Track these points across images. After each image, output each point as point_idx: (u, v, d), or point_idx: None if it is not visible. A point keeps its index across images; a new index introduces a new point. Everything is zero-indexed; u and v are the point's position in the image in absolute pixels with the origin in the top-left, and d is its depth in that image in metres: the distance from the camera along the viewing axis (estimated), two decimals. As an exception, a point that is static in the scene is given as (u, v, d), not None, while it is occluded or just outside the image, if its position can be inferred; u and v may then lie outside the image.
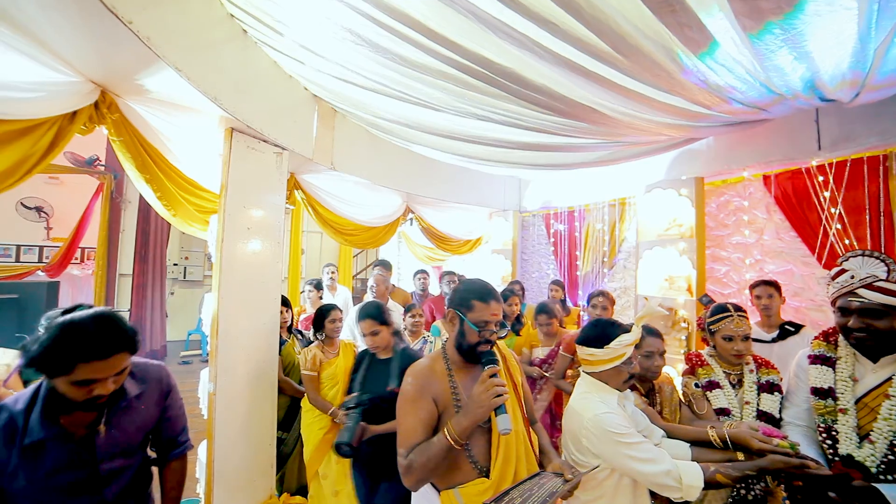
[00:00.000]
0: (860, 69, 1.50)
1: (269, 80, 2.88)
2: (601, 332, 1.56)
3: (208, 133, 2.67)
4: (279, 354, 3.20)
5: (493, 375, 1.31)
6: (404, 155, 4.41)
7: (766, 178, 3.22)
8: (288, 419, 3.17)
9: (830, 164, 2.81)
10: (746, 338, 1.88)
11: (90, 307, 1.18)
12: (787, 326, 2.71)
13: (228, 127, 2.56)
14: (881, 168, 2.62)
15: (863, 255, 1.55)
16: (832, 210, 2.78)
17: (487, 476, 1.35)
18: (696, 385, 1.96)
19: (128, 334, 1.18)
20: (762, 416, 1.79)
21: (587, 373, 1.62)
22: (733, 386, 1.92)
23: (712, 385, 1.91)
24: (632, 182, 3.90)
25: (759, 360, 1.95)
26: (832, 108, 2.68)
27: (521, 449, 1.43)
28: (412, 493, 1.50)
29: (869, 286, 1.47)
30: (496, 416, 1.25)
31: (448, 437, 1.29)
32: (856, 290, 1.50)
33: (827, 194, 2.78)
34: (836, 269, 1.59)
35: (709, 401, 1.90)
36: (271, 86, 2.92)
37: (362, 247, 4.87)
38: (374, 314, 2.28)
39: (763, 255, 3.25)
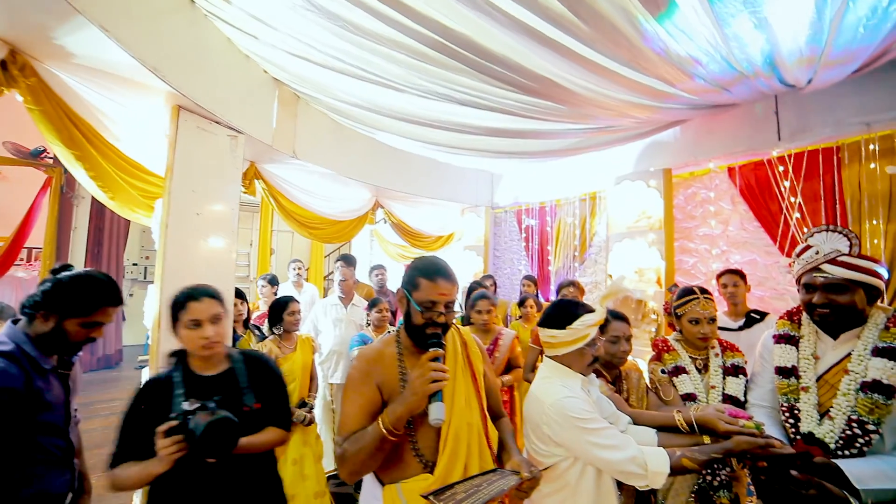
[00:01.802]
0: (816, 43, 1.48)
1: (222, 58, 2.71)
2: (563, 313, 1.47)
3: (153, 110, 2.47)
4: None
5: (437, 360, 1.20)
6: (373, 146, 4.28)
7: (730, 169, 3.26)
8: (242, 421, 2.95)
9: (790, 156, 2.88)
10: (712, 320, 1.84)
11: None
12: (752, 314, 2.73)
13: (175, 104, 2.37)
14: (835, 159, 2.70)
15: (827, 230, 1.52)
16: (792, 200, 2.82)
17: (433, 472, 1.23)
18: (663, 371, 1.90)
19: None
20: (728, 399, 1.75)
21: (549, 356, 1.53)
22: (699, 371, 1.87)
23: (678, 370, 1.85)
24: (602, 176, 3.89)
25: (725, 344, 1.91)
26: (790, 100, 2.73)
27: (474, 444, 1.32)
28: (361, 486, 1.38)
29: (832, 261, 1.44)
30: (429, 403, 1.13)
31: (381, 425, 1.17)
32: (820, 266, 1.47)
33: (787, 184, 2.83)
34: (801, 246, 1.56)
35: (675, 386, 1.85)
36: (225, 65, 2.74)
37: (329, 241, 4.70)
38: (214, 292, 1.45)
39: (729, 245, 3.28)
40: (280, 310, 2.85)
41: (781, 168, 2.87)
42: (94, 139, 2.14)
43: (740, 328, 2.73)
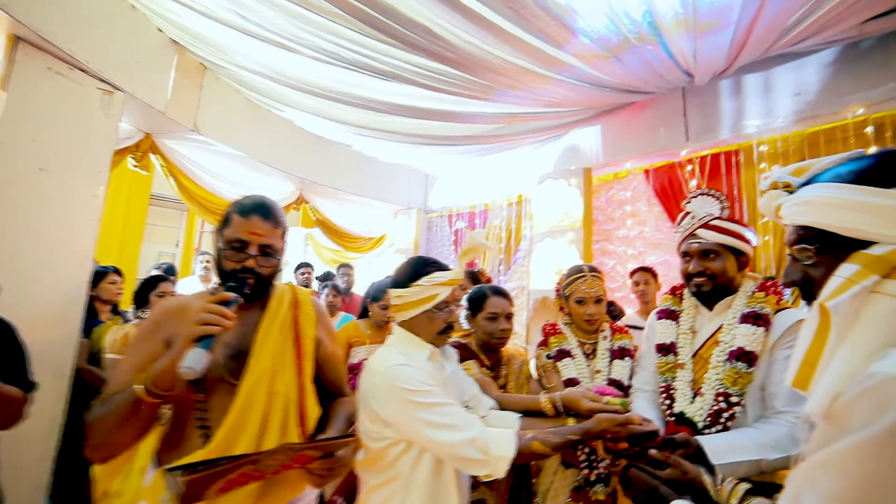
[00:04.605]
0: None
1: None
2: (410, 269, 1.25)
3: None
4: (87, 337, 2.53)
5: (228, 305, 0.94)
6: (296, 134, 4.02)
7: (646, 172, 3.31)
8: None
9: (697, 158, 2.95)
10: (599, 300, 1.69)
11: None
12: (661, 314, 2.65)
13: (10, 33, 2.01)
14: (734, 161, 2.80)
15: (702, 194, 1.43)
16: (700, 200, 2.85)
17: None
18: (548, 356, 1.71)
19: None
20: (612, 383, 1.58)
21: (397, 323, 1.29)
22: (587, 356, 1.71)
23: (563, 354, 1.68)
24: (528, 179, 3.86)
25: (614, 327, 1.77)
26: (697, 102, 2.83)
27: (275, 417, 1.06)
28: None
29: (706, 225, 1.36)
30: (190, 349, 0.87)
31: (138, 382, 0.90)
32: (695, 232, 1.37)
33: (694, 183, 2.88)
34: (682, 214, 1.46)
35: (559, 372, 1.66)
36: (98, 7, 2.41)
37: (243, 233, 4.30)
38: None
39: (645, 246, 3.28)
40: (147, 289, 2.46)
41: (690, 168, 2.94)
42: None
43: (649, 327, 2.65)
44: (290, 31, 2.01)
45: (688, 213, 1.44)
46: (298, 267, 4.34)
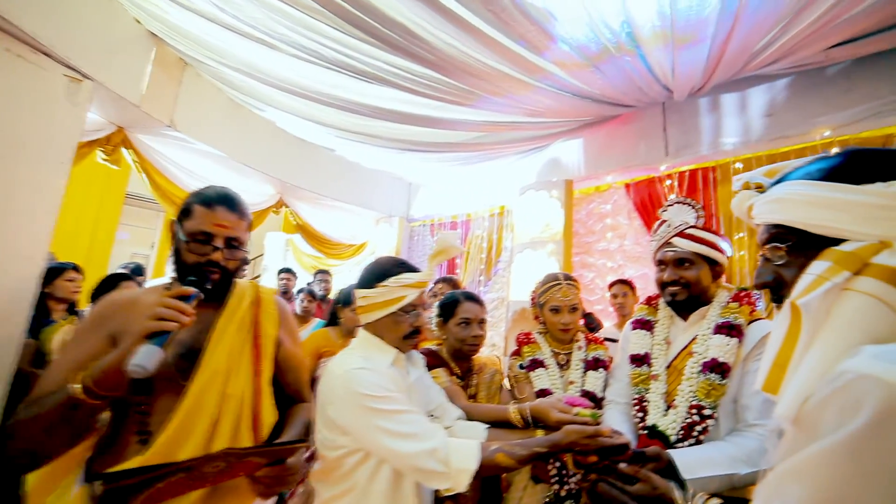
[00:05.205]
0: (663, 9, 1.44)
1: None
2: (377, 269, 1.20)
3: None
4: (34, 337, 2.35)
5: (188, 300, 0.87)
6: (278, 136, 3.94)
7: (627, 185, 3.34)
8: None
9: (676, 173, 3.01)
10: (574, 309, 1.66)
11: None
12: (639, 327, 2.64)
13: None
14: (711, 177, 2.87)
15: (678, 202, 1.43)
16: (678, 214, 2.89)
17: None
18: (521, 366, 1.67)
19: None
20: (586, 395, 1.54)
21: (363, 326, 1.23)
22: (561, 366, 1.67)
23: (535, 364, 1.63)
24: (511, 191, 3.87)
25: (589, 338, 1.73)
26: (676, 119, 2.88)
27: (226, 420, 0.98)
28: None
29: (681, 234, 1.34)
30: (141, 345, 0.79)
31: (76, 381, 0.81)
32: (670, 240, 1.35)
33: (673, 198, 2.91)
34: (658, 222, 1.44)
35: (531, 383, 1.61)
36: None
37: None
38: None
39: (625, 260, 3.30)
40: (107, 287, 2.33)
41: (669, 182, 2.99)
42: None
43: (627, 340, 2.63)
44: (270, 26, 1.97)
45: (664, 221, 1.43)
46: (280, 272, 4.29)
